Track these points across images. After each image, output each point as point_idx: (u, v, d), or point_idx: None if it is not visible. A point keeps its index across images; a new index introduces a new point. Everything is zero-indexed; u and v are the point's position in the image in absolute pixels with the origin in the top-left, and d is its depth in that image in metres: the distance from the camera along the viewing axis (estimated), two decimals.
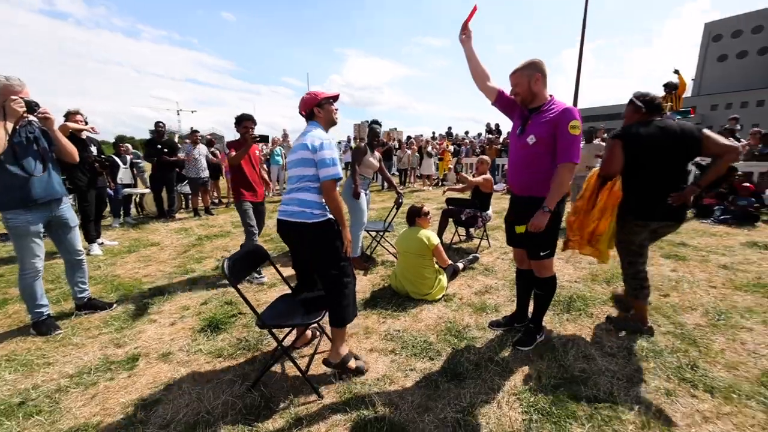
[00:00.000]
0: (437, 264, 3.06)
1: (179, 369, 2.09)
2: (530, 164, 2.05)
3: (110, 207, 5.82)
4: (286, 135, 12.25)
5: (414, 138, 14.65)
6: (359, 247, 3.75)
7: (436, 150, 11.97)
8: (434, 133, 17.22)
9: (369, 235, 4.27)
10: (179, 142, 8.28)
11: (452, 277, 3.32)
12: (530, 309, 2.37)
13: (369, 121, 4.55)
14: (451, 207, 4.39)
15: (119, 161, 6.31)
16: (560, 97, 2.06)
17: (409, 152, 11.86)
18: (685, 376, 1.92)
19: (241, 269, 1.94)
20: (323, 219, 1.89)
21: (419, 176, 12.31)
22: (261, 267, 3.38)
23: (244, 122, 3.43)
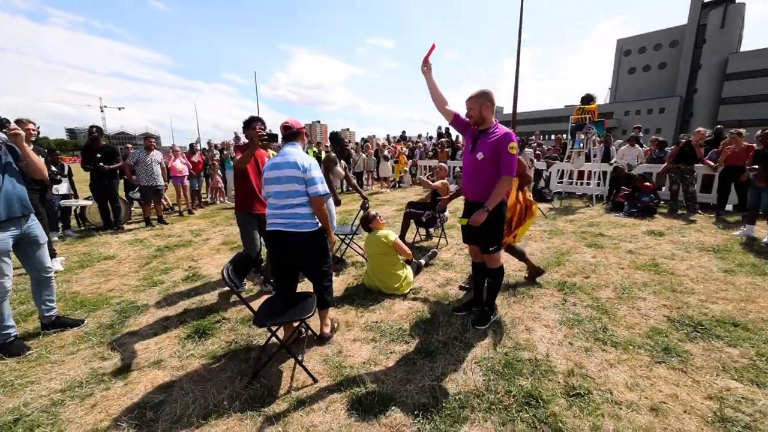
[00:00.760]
0: (402, 259, 3.44)
1: (175, 373, 2.21)
2: (479, 176, 2.52)
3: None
4: (239, 138, 11.91)
5: (368, 138, 15.07)
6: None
7: (392, 153, 12.50)
8: (389, 136, 17.79)
9: (338, 239, 4.53)
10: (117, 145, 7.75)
11: (417, 272, 3.74)
12: (485, 295, 2.85)
13: (336, 132, 4.78)
14: (413, 210, 4.84)
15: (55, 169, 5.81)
16: (504, 100, 2.54)
17: (365, 155, 12.23)
18: (598, 337, 2.51)
19: (237, 276, 2.12)
20: (318, 228, 2.22)
21: (377, 179, 12.74)
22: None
23: (254, 123, 3.17)
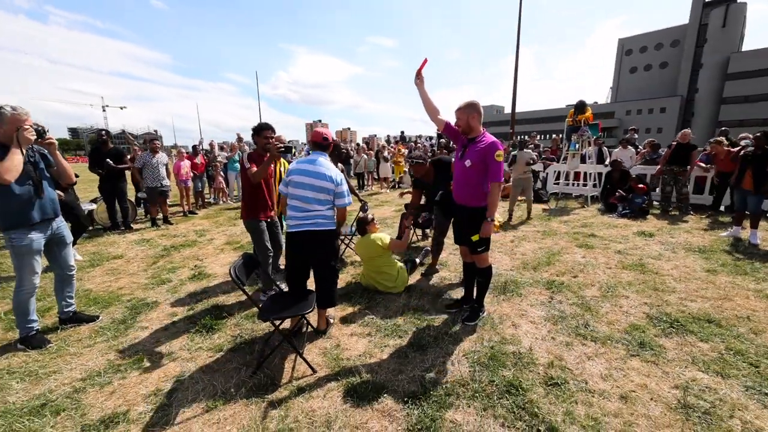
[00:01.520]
0: (396, 258, 3.60)
1: (186, 364, 2.40)
2: (467, 182, 2.69)
3: None
4: (241, 139, 12.10)
5: (369, 138, 15.24)
6: None
7: (392, 154, 12.67)
8: (389, 137, 17.97)
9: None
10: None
11: (411, 270, 3.91)
12: (475, 293, 3.03)
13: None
14: (412, 211, 5.00)
15: None
16: (504, 100, 2.71)
17: (366, 156, 12.40)
18: (580, 332, 2.68)
19: (243, 274, 2.30)
20: (334, 227, 2.60)
21: (376, 179, 12.92)
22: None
23: (264, 132, 3.19)
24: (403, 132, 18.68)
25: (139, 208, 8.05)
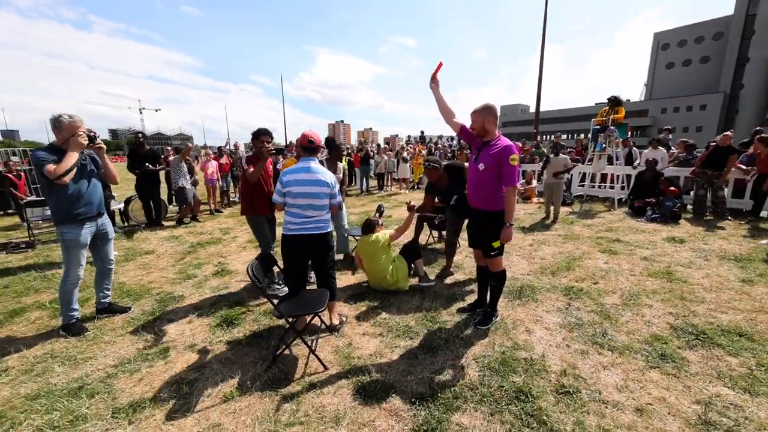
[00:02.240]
0: (394, 257, 3.59)
1: (206, 356, 2.54)
2: (481, 185, 2.68)
3: None
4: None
5: (390, 138, 15.27)
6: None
7: (411, 155, 12.66)
8: (409, 137, 17.95)
9: (355, 239, 4.79)
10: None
11: (415, 258, 3.83)
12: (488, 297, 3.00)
13: (330, 137, 5.00)
14: (426, 213, 5.01)
15: None
16: (531, 99, 2.68)
17: (386, 157, 12.46)
18: (597, 341, 2.61)
19: (260, 273, 2.41)
20: (331, 228, 2.79)
21: (395, 180, 12.95)
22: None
23: (261, 137, 3.44)
24: (423, 132, 18.54)
25: (171, 206, 8.50)
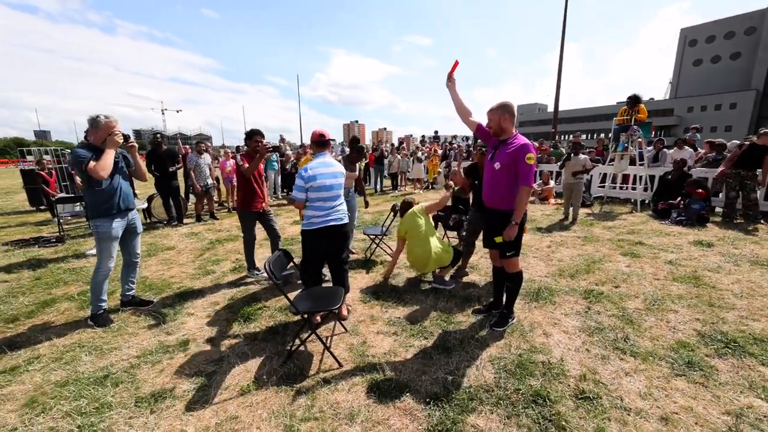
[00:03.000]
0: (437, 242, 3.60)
1: (224, 350, 2.59)
2: (496, 184, 2.64)
3: None
4: (284, 140, 12.67)
5: (404, 138, 15.23)
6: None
7: (425, 155, 12.60)
8: (423, 137, 17.87)
9: (369, 239, 4.81)
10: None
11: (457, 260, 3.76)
12: (504, 298, 2.95)
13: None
14: (440, 213, 4.97)
15: None
16: (547, 98, 2.62)
17: (399, 157, 12.44)
18: (618, 346, 2.53)
19: (277, 269, 2.44)
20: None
21: (410, 180, 12.91)
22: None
23: (255, 137, 3.82)
24: (437, 132, 18.39)
25: (191, 203, 8.74)
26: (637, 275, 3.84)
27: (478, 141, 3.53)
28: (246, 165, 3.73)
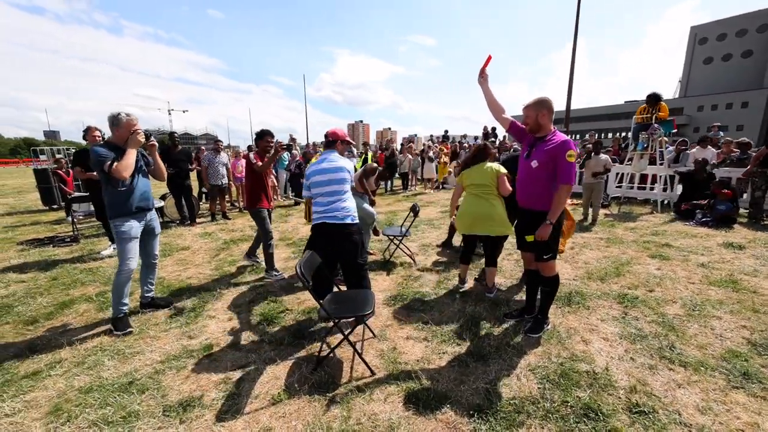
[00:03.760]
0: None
1: (250, 354, 2.50)
2: (532, 183, 2.52)
3: None
4: (294, 140, 12.61)
5: (410, 137, 15.08)
6: None
7: (436, 154, 12.46)
8: (432, 137, 17.71)
9: (388, 239, 4.70)
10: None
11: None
12: (537, 302, 2.83)
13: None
14: None
15: None
16: (553, 97, 2.46)
17: (410, 156, 12.31)
18: (664, 355, 2.39)
19: (308, 272, 2.33)
20: (358, 222, 2.84)
21: (419, 180, 12.77)
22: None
23: (266, 137, 3.94)
24: (447, 131, 18.20)
25: (203, 202, 8.70)
26: (671, 279, 3.68)
27: (490, 141, 3.40)
28: (259, 163, 3.79)
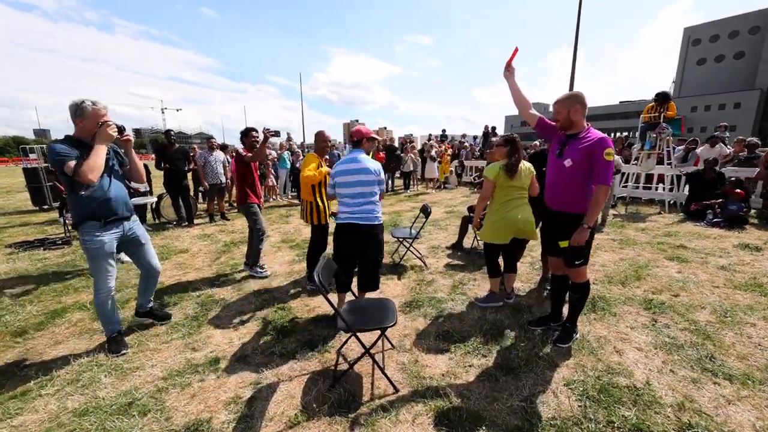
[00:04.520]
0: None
1: (261, 369, 2.30)
2: (565, 184, 2.35)
3: None
4: (291, 138, 12.37)
5: (406, 137, 14.89)
6: None
7: (438, 153, 12.29)
8: (430, 136, 17.55)
9: (398, 241, 4.52)
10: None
11: None
12: (564, 310, 2.67)
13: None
14: (471, 214, 4.68)
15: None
16: (550, 98, 2.32)
17: (412, 155, 12.12)
18: (706, 366, 2.24)
19: (326, 279, 2.14)
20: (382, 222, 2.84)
21: (420, 179, 12.60)
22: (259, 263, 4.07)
23: (250, 133, 3.96)
24: (445, 130, 18.04)
25: (200, 203, 8.45)
26: (694, 282, 3.55)
27: (491, 140, 3.23)
28: (249, 155, 3.80)
